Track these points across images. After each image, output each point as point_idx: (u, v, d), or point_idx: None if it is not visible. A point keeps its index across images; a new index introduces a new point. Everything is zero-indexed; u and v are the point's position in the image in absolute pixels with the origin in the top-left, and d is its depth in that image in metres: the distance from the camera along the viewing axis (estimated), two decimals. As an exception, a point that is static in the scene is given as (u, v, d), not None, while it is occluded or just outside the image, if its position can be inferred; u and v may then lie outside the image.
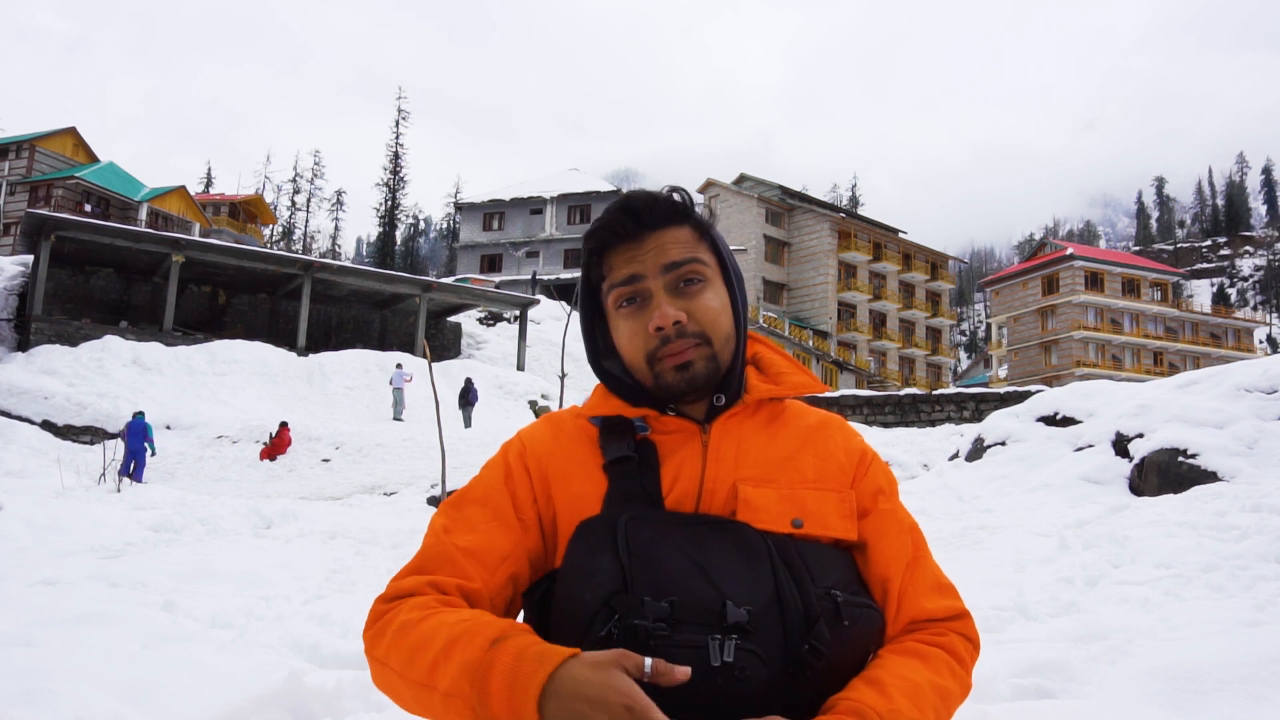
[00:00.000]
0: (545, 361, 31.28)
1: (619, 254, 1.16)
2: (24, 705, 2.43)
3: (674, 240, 1.16)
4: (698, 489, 1.11)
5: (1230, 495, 6.23)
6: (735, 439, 1.15)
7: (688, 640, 0.94)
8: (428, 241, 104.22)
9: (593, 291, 1.22)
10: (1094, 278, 55.90)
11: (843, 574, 1.09)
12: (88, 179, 41.54)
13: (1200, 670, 2.65)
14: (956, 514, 7.98)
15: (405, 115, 67.54)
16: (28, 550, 5.97)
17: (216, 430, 18.23)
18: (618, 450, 1.13)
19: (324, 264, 27.89)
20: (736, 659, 0.94)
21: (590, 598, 0.98)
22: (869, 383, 48.06)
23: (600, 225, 1.17)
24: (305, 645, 3.69)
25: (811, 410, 1.27)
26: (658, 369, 1.13)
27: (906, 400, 20.81)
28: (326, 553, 6.38)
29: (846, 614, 1.03)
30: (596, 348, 1.24)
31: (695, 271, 1.15)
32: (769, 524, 1.08)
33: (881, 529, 1.16)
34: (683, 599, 0.96)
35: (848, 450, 1.21)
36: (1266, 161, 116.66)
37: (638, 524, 1.03)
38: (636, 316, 1.14)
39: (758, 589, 1.00)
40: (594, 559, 1.01)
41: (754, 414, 1.19)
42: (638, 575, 0.98)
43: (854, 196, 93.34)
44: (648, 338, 1.13)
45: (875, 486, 1.20)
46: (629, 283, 1.14)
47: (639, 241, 1.15)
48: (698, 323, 1.14)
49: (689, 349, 1.12)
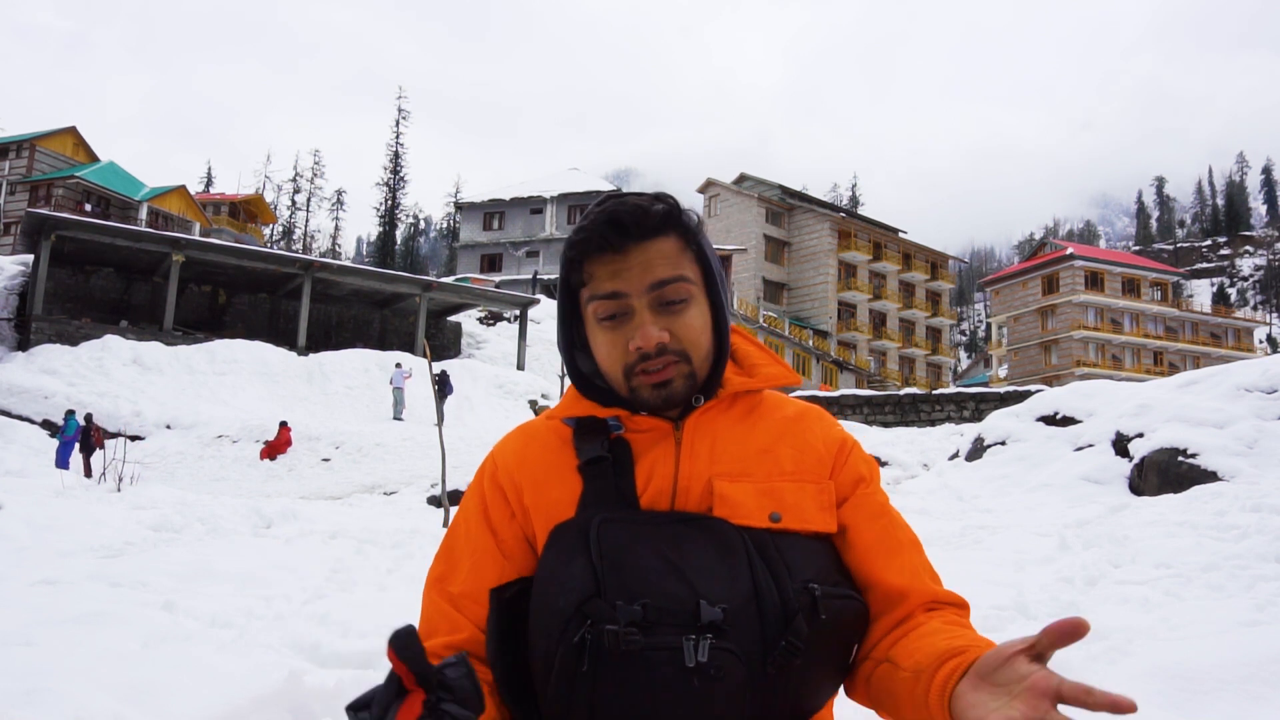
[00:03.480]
0: (545, 361, 31.27)
1: (601, 264, 1.12)
2: (24, 705, 2.43)
3: (659, 254, 1.12)
4: (672, 487, 1.10)
5: (1230, 495, 6.23)
6: (710, 434, 1.14)
7: (662, 642, 0.94)
8: (428, 241, 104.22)
9: (571, 291, 1.19)
10: (1094, 277, 55.90)
11: (821, 566, 1.08)
12: (88, 178, 41.54)
13: (1200, 670, 2.65)
14: (956, 514, 7.98)
15: (405, 115, 67.61)
16: (28, 550, 5.97)
17: (216, 430, 18.23)
18: (591, 451, 1.11)
19: (324, 264, 27.89)
20: (711, 658, 0.94)
21: (564, 604, 0.97)
22: (869, 382, 48.05)
23: (583, 235, 1.13)
24: (305, 645, 3.69)
25: (790, 401, 1.25)
26: (634, 383, 1.12)
27: (906, 400, 20.81)
28: (327, 552, 6.38)
29: (824, 608, 1.02)
30: (572, 344, 1.21)
31: (680, 291, 1.12)
32: (746, 519, 1.06)
33: (861, 513, 1.15)
34: (656, 600, 0.96)
35: (826, 440, 1.19)
36: (1266, 161, 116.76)
37: (610, 526, 1.02)
38: (617, 330, 1.12)
39: (734, 586, 0.99)
40: (567, 565, 1.00)
41: (729, 408, 1.18)
42: (610, 579, 0.97)
43: (854, 196, 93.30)
44: (626, 354, 1.11)
45: (855, 475, 1.18)
46: (611, 298, 1.11)
47: (623, 254, 1.11)
48: (679, 341, 1.11)
49: (669, 367, 1.11)
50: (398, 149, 66.89)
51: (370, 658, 3.51)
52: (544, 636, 0.99)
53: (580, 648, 0.95)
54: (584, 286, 1.15)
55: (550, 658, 0.97)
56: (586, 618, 0.96)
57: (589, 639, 0.95)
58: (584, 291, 1.15)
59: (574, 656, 0.95)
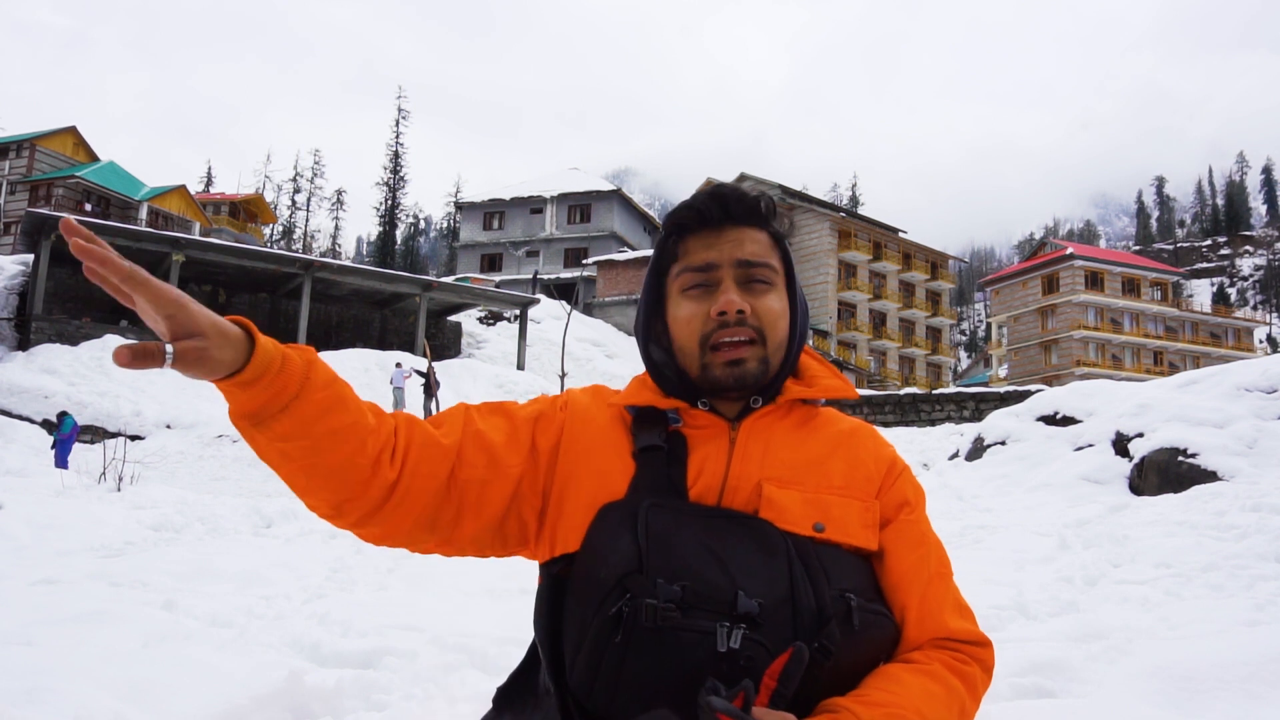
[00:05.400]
0: (545, 361, 31.26)
1: (697, 239, 1.18)
2: (25, 704, 2.43)
3: (752, 239, 1.18)
4: (721, 484, 1.12)
5: (1230, 495, 6.24)
6: (764, 439, 1.16)
7: (696, 625, 0.96)
8: (428, 241, 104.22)
9: (659, 274, 1.23)
10: (1094, 277, 55.88)
11: (860, 581, 1.09)
12: (88, 178, 41.52)
13: (1199, 669, 2.65)
14: (956, 513, 7.98)
15: (405, 115, 67.62)
16: (28, 549, 5.97)
17: (217, 429, 18.23)
18: (648, 439, 1.14)
19: (324, 263, 27.88)
20: (742, 647, 0.95)
21: (605, 576, 1.00)
22: (869, 382, 48.04)
23: (685, 207, 1.20)
24: (305, 644, 3.69)
25: (844, 417, 1.27)
26: (708, 359, 1.15)
27: (906, 400, 20.81)
28: (327, 552, 6.39)
29: (859, 618, 1.03)
30: (649, 332, 1.24)
31: (766, 274, 1.17)
32: (791, 525, 1.08)
33: (902, 540, 1.16)
34: (696, 585, 0.98)
35: (877, 459, 1.21)
36: (1266, 161, 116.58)
37: (658, 510, 1.05)
38: (701, 300, 1.16)
39: (773, 584, 1.00)
40: (613, 540, 1.03)
41: (785, 415, 1.20)
42: (653, 558, 0.99)
43: (854, 196, 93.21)
44: (706, 320, 1.14)
45: (901, 498, 1.20)
46: (703, 269, 1.16)
47: (719, 231, 1.17)
48: (758, 318, 1.15)
49: (743, 345, 1.14)
50: (398, 149, 66.90)
51: (370, 657, 3.50)
52: (582, 605, 1.01)
53: (616, 619, 0.97)
54: (675, 263, 1.19)
55: (585, 627, 0.99)
56: (626, 591, 0.97)
57: (626, 612, 0.96)
58: (674, 267, 1.19)
59: (609, 627, 0.97)
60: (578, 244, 48.46)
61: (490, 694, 1.19)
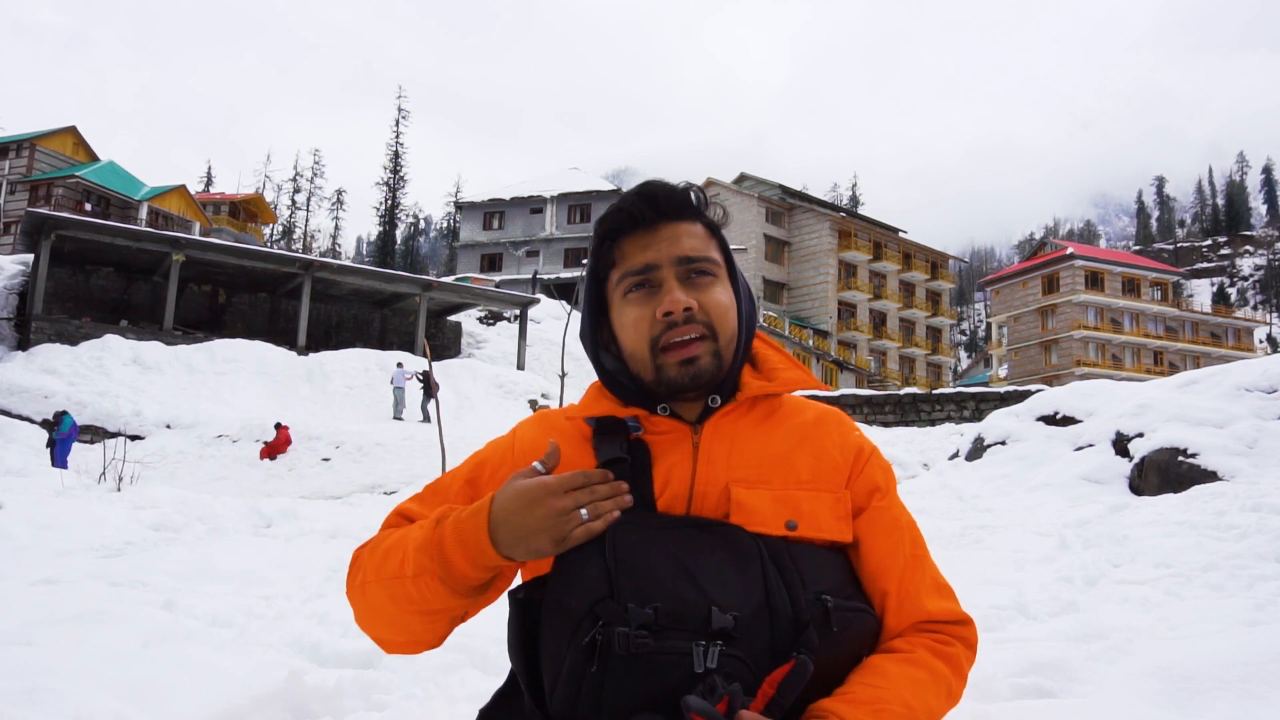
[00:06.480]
0: (545, 361, 31.26)
1: (632, 241, 1.15)
2: (24, 704, 2.43)
3: (688, 234, 1.16)
4: (689, 491, 1.10)
5: (1230, 495, 6.23)
6: (727, 439, 1.14)
7: (672, 647, 0.94)
8: (428, 241, 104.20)
9: (599, 281, 1.21)
10: (1094, 277, 55.88)
11: (836, 577, 1.08)
12: (88, 178, 41.52)
13: (1200, 669, 2.65)
14: (956, 513, 7.98)
15: (405, 114, 67.63)
16: (28, 549, 5.96)
17: (216, 429, 18.23)
18: (610, 451, 1.11)
19: (324, 263, 27.88)
20: (720, 665, 0.94)
21: (576, 604, 0.98)
22: (869, 382, 48.04)
23: (615, 210, 1.17)
24: (305, 644, 3.68)
25: (809, 405, 1.25)
26: (660, 360, 1.12)
27: (906, 399, 20.80)
28: (327, 552, 6.38)
29: (836, 619, 1.03)
30: (597, 340, 1.22)
31: (707, 267, 1.15)
32: (762, 526, 1.07)
33: (875, 527, 1.15)
34: (668, 605, 0.96)
35: (843, 447, 1.19)
36: (1266, 161, 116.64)
37: (626, 529, 1.02)
38: (645, 303, 1.13)
39: (747, 595, 0.99)
40: (582, 566, 1.00)
41: (748, 412, 1.18)
42: (624, 582, 0.97)
43: (854, 196, 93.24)
44: (654, 323, 1.12)
45: (871, 484, 1.18)
46: (643, 271, 1.14)
47: (653, 230, 1.15)
48: (706, 313, 1.13)
49: (694, 343, 1.12)
50: (398, 148, 66.92)
51: (370, 657, 3.50)
52: (556, 635, 0.99)
53: (590, 648, 0.95)
54: (614, 268, 1.17)
55: (560, 657, 0.98)
56: (598, 619, 0.96)
57: (599, 640, 0.95)
58: (614, 273, 1.17)
59: (584, 657, 0.95)
60: (578, 244, 48.45)
61: (490, 694, 1.19)
